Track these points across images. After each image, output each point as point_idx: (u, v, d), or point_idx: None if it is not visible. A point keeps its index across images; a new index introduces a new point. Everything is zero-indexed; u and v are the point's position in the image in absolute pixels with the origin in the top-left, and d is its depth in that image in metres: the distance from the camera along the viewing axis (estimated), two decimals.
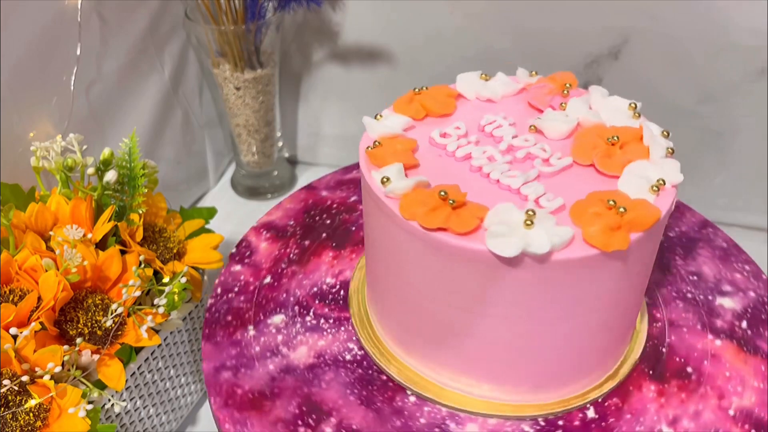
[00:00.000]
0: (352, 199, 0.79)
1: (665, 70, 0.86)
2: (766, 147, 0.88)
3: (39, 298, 0.57)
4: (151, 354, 0.66)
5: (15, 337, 0.55)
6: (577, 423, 0.56)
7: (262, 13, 0.88)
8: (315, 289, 0.68)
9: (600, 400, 0.57)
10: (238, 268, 0.71)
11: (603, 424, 0.56)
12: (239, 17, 0.88)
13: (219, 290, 0.69)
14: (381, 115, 0.58)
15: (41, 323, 0.57)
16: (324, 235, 0.74)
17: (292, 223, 0.76)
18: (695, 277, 0.68)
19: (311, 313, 0.65)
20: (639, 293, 0.57)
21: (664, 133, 0.55)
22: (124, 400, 0.63)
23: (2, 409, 0.53)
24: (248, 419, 0.57)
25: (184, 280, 0.64)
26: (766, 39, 0.80)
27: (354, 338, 0.63)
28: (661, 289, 0.67)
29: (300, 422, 0.56)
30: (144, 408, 0.67)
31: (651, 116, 0.58)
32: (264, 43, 0.91)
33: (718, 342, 0.62)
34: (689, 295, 0.66)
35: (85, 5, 0.75)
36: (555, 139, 0.57)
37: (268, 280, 0.69)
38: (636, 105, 0.58)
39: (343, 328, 0.64)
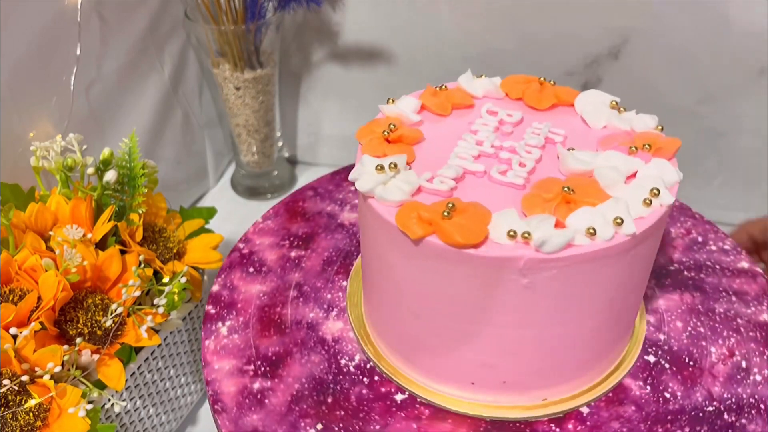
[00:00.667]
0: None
1: (665, 70, 0.86)
2: (766, 147, 0.88)
3: (39, 298, 0.57)
4: (151, 354, 0.66)
5: (15, 337, 0.55)
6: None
7: (262, 13, 0.88)
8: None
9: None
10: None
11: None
12: (239, 17, 0.88)
13: None
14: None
15: (41, 323, 0.57)
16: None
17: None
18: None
19: None
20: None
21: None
22: (124, 400, 0.63)
23: (2, 408, 0.53)
24: None
25: (184, 280, 0.64)
26: (766, 39, 0.80)
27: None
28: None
29: None
30: (144, 408, 0.67)
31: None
32: (264, 43, 0.91)
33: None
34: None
35: (85, 5, 0.75)
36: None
37: None
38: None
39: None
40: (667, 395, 0.57)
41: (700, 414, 0.56)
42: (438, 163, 0.54)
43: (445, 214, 0.47)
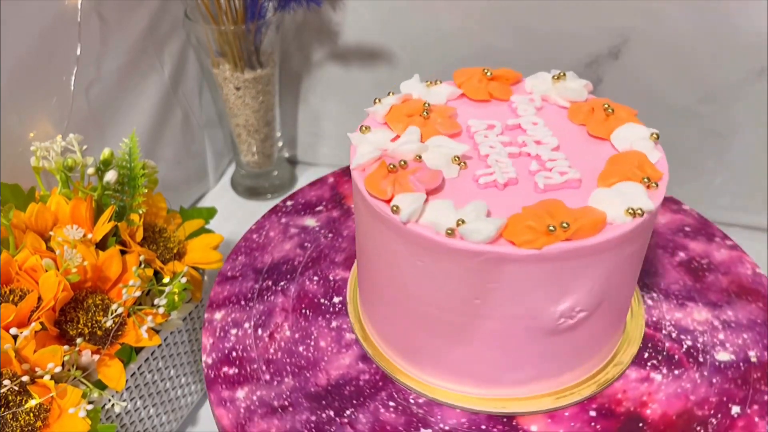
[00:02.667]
0: None
1: (665, 70, 0.86)
2: (766, 147, 0.88)
3: (39, 299, 0.57)
4: (151, 354, 0.66)
5: (15, 337, 0.55)
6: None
7: (262, 13, 0.88)
8: None
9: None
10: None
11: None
12: (239, 17, 0.88)
13: None
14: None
15: (41, 323, 0.57)
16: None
17: None
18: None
19: None
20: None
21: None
22: (124, 400, 0.63)
23: (2, 409, 0.53)
24: None
25: (184, 280, 0.64)
26: (766, 39, 0.80)
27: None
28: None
29: None
30: (144, 408, 0.67)
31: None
32: (264, 43, 0.91)
33: None
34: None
35: (85, 5, 0.75)
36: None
37: None
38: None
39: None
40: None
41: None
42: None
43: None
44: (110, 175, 0.65)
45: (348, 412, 0.57)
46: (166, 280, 0.65)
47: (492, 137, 0.56)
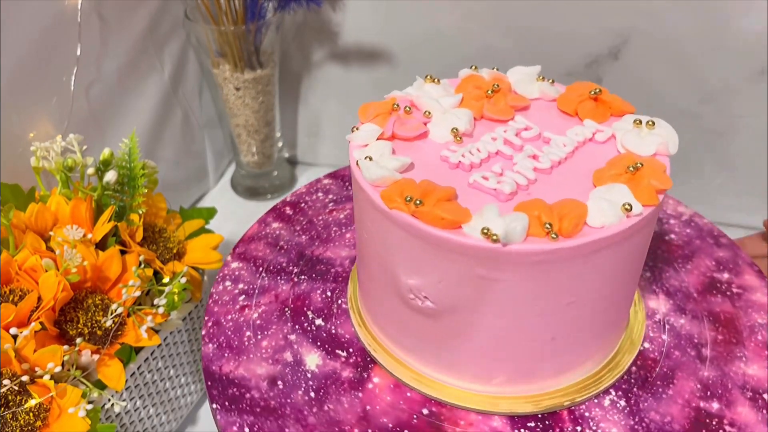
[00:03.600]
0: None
1: (665, 70, 0.86)
2: (766, 147, 0.88)
3: (39, 298, 0.57)
4: (151, 354, 0.66)
5: (15, 337, 0.55)
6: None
7: (262, 13, 0.88)
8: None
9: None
10: None
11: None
12: (239, 17, 0.88)
13: None
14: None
15: (41, 323, 0.57)
16: None
17: None
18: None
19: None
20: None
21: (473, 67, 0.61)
22: (123, 400, 0.63)
23: (2, 408, 0.54)
24: None
25: (184, 280, 0.64)
26: (766, 39, 0.80)
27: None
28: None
29: None
30: (144, 408, 0.67)
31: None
32: (264, 43, 0.91)
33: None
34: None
35: (85, 5, 0.75)
36: (479, 129, 0.58)
37: None
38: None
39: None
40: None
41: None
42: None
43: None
44: (110, 176, 0.65)
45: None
46: (165, 280, 0.65)
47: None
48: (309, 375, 0.59)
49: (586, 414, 0.56)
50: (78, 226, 0.62)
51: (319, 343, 0.62)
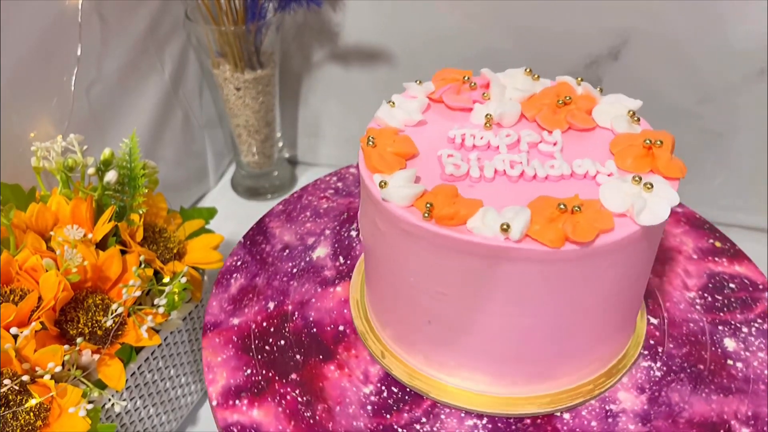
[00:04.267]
0: (271, 306, 0.66)
1: (665, 70, 0.86)
2: (766, 147, 0.88)
3: (39, 298, 0.57)
4: (151, 354, 0.66)
5: (15, 336, 0.55)
6: (657, 334, 0.60)
7: (263, 13, 0.88)
8: (369, 407, 0.57)
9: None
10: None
11: (666, 320, 0.62)
12: (239, 18, 0.88)
13: None
14: (385, 182, 0.52)
15: (42, 323, 0.57)
16: (298, 357, 0.61)
17: (249, 371, 0.60)
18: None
19: (399, 429, 0.55)
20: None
21: (578, 80, 0.60)
22: (124, 400, 0.63)
23: (3, 408, 0.54)
24: None
25: (184, 280, 0.64)
26: (765, 40, 0.80)
27: (463, 414, 0.56)
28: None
29: None
30: (144, 408, 0.67)
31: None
32: (264, 43, 0.91)
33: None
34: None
35: (85, 6, 0.75)
36: (513, 125, 0.58)
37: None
38: (530, 69, 0.61)
39: (443, 415, 0.57)
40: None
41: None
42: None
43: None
44: (110, 175, 0.65)
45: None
46: (166, 280, 0.65)
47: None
48: None
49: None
50: (78, 226, 0.63)
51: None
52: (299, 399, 0.58)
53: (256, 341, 0.63)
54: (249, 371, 0.60)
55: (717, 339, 0.61)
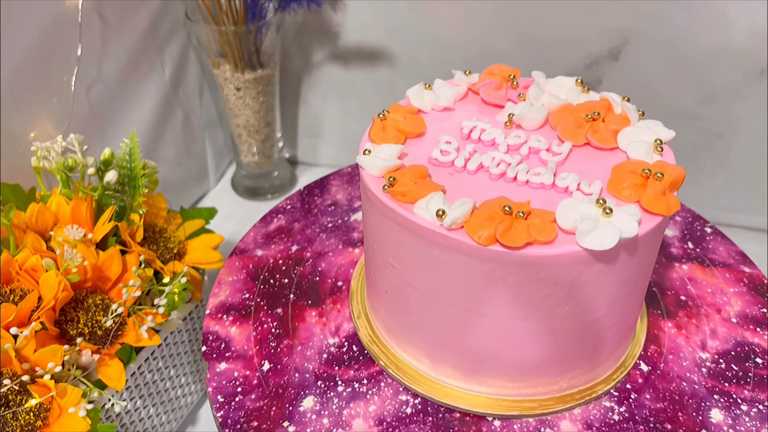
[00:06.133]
0: (293, 249, 0.73)
1: (665, 71, 0.86)
2: (766, 148, 0.88)
3: (39, 298, 0.57)
4: (151, 354, 0.66)
5: (15, 336, 0.55)
6: (640, 381, 0.58)
7: (263, 13, 0.88)
8: (325, 355, 0.61)
9: (642, 352, 0.60)
10: (223, 366, 0.61)
11: (658, 371, 0.59)
12: (240, 18, 0.88)
13: (221, 398, 0.58)
14: (370, 150, 0.55)
15: (41, 323, 0.57)
16: (292, 296, 0.67)
17: (247, 296, 0.68)
18: None
19: (340, 382, 0.59)
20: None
21: (624, 98, 0.58)
22: (124, 400, 0.63)
23: (3, 408, 0.54)
24: None
25: (184, 280, 0.64)
26: (766, 40, 0.80)
27: (401, 389, 0.58)
28: None
29: None
30: (144, 408, 0.67)
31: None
32: (264, 43, 0.91)
33: (684, 267, 0.68)
34: None
35: (85, 6, 0.75)
36: (534, 129, 0.58)
37: (266, 366, 0.61)
38: (582, 80, 0.61)
39: (383, 383, 0.59)
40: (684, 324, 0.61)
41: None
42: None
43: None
44: (111, 176, 0.65)
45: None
46: (166, 280, 0.65)
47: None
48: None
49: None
50: (78, 226, 0.62)
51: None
52: (272, 330, 0.64)
53: (266, 273, 0.70)
54: (247, 295, 0.68)
55: (704, 407, 0.57)
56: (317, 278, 0.69)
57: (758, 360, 0.60)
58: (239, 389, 0.59)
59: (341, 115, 1.05)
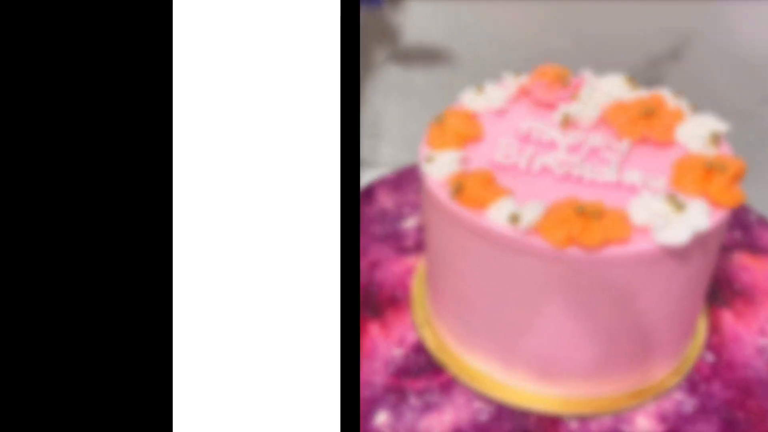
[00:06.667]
0: None
1: (726, 70, 0.85)
2: None
3: None
4: None
5: None
6: (707, 371, 0.59)
7: None
8: (392, 367, 0.61)
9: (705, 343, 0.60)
10: None
11: (723, 361, 0.59)
12: None
13: None
14: (432, 157, 0.55)
15: None
16: None
17: None
18: None
19: (411, 393, 0.59)
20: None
21: (675, 93, 0.59)
22: None
23: None
24: None
25: None
26: None
27: (474, 396, 0.58)
28: None
29: None
30: None
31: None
32: None
33: (735, 256, 0.68)
34: None
35: None
36: (589, 128, 0.58)
37: None
38: (631, 77, 0.61)
39: (456, 391, 0.59)
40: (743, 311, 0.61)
41: None
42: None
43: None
44: None
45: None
46: None
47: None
48: None
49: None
50: None
51: None
52: None
53: None
54: None
55: None
56: (374, 288, 0.69)
57: None
58: None
59: (402, 115, 1.06)
